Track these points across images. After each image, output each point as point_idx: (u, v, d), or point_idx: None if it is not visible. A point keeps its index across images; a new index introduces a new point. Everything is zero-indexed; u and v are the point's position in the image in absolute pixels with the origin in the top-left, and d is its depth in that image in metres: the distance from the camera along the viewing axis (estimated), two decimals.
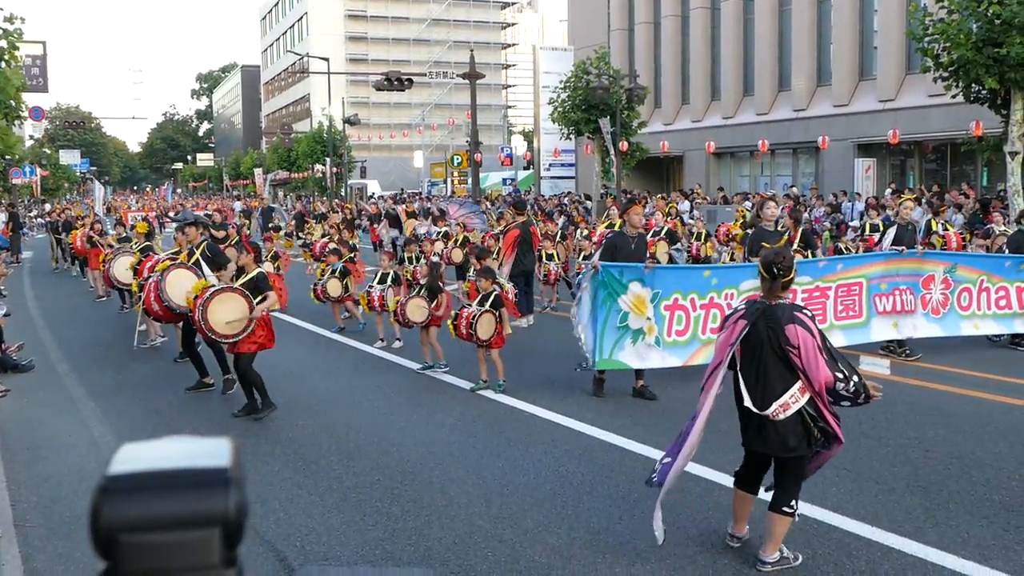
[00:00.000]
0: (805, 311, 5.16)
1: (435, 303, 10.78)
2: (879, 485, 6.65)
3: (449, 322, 9.98)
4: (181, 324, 10.43)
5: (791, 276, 5.15)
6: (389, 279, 12.68)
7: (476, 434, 8.35)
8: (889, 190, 25.76)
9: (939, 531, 5.79)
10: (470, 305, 9.88)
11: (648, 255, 9.92)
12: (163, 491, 0.74)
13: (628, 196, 11.54)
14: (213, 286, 8.90)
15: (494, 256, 14.84)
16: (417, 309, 10.74)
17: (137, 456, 0.78)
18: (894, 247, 11.21)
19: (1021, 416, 8.61)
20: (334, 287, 13.65)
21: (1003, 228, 15.54)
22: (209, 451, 0.78)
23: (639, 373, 9.47)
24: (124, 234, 17.13)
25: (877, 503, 6.24)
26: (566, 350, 12.25)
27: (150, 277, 10.39)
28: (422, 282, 11.25)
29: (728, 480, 6.80)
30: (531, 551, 5.63)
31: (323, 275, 14.00)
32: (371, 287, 12.66)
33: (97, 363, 12.20)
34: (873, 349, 11.27)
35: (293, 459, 7.63)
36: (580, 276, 9.67)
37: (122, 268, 13.36)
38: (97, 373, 11.51)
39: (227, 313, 8.63)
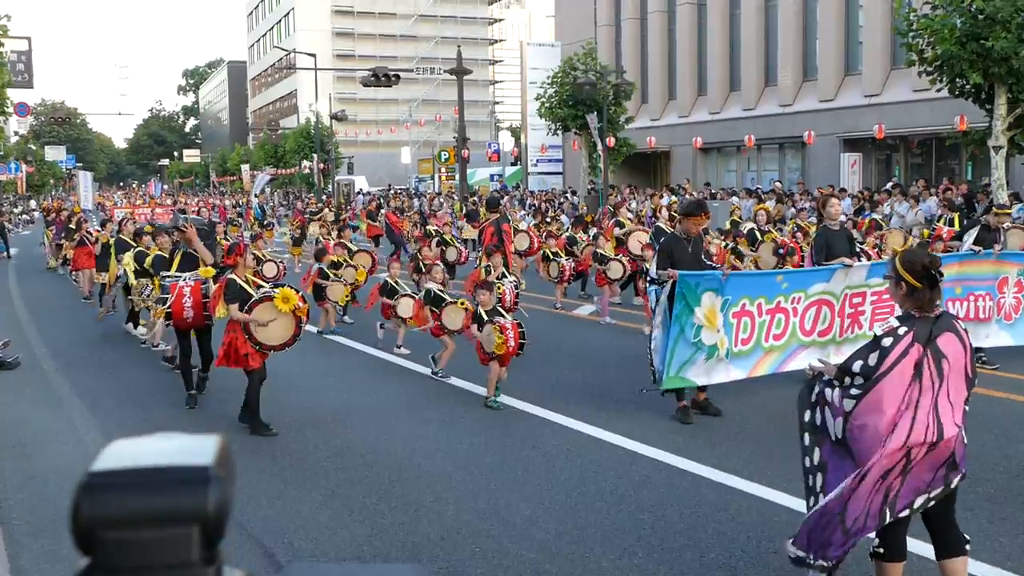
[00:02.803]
0: (959, 321, 4.48)
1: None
2: None
3: (497, 338, 8.98)
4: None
5: (943, 281, 4.43)
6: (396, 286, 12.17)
7: (464, 430, 8.36)
8: (890, 184, 25.82)
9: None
10: (504, 316, 9.41)
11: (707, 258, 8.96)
12: (143, 488, 0.75)
13: (696, 200, 10.46)
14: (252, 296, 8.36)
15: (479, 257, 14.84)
16: (456, 315, 10.13)
17: (122, 453, 0.79)
18: (972, 247, 10.52)
19: (1005, 408, 8.67)
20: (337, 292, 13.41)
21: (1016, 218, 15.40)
22: (193, 449, 0.79)
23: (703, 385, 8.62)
24: (112, 231, 16.58)
25: None
26: (554, 347, 12.28)
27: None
28: (433, 287, 10.60)
29: (715, 475, 6.84)
30: (519, 546, 5.64)
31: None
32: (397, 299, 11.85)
33: (84, 361, 12.16)
34: None
35: (280, 456, 7.63)
36: (657, 291, 8.69)
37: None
38: (83, 371, 11.47)
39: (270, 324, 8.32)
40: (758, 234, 14.74)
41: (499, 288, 11.28)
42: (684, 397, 8.53)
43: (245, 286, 8.36)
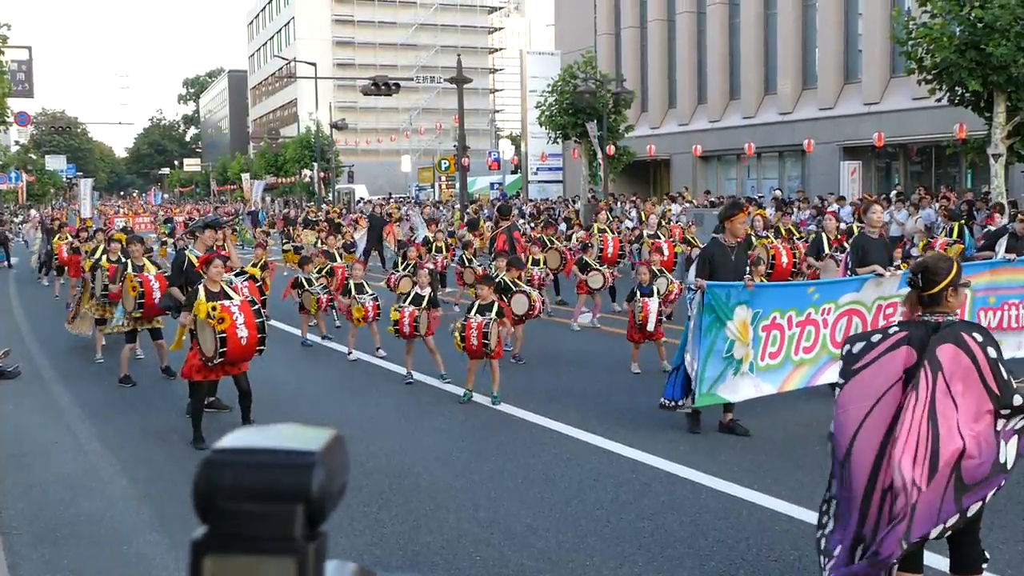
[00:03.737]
0: (974, 331, 4.25)
1: (436, 311, 10.51)
2: None
3: (457, 335, 9.45)
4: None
5: (933, 289, 4.28)
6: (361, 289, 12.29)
7: (464, 439, 8.37)
8: (893, 193, 25.86)
9: None
10: (471, 316, 9.47)
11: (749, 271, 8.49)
12: (256, 466, 0.84)
13: (734, 201, 10.08)
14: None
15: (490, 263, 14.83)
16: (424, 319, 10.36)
17: (244, 435, 0.88)
18: (1007, 255, 10.29)
19: None
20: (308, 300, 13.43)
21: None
22: (306, 436, 0.87)
23: (728, 405, 8.29)
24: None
25: None
26: (553, 355, 12.29)
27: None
28: (423, 292, 10.57)
29: (716, 482, 6.84)
30: (519, 555, 5.64)
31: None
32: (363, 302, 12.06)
33: (83, 370, 12.16)
34: None
35: None
36: (689, 299, 8.37)
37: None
38: (83, 380, 11.48)
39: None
40: (753, 239, 14.78)
41: (533, 297, 11.38)
42: (731, 409, 8.29)
43: (202, 296, 8.26)
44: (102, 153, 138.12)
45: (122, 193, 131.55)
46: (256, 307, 8.39)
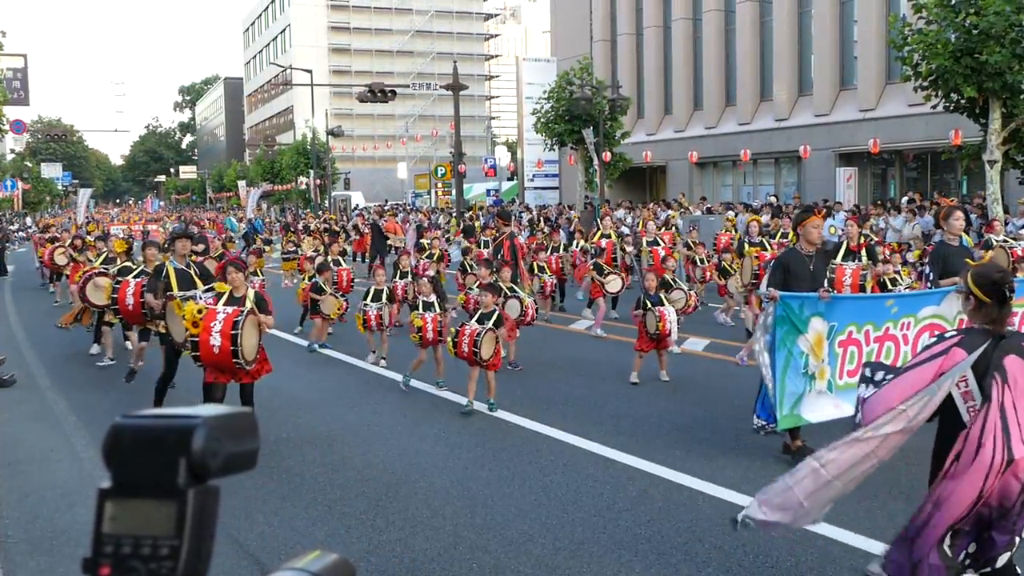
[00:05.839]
0: None
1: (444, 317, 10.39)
2: (861, 491, 6.65)
3: (449, 340, 9.50)
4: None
5: (1016, 300, 4.34)
6: (384, 296, 12.37)
7: (460, 445, 8.36)
8: (905, 199, 25.87)
9: None
10: (468, 322, 9.51)
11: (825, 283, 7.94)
12: (150, 428, 1.00)
13: (805, 205, 9.55)
14: (241, 309, 8.02)
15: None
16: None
17: (154, 410, 1.04)
18: None
19: None
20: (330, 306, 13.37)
21: (1003, 239, 14.95)
22: (205, 409, 1.02)
23: (795, 428, 7.59)
24: (105, 249, 16.04)
25: (859, 509, 6.25)
26: (550, 360, 12.29)
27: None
28: (428, 299, 10.42)
29: (712, 488, 6.84)
30: (515, 561, 5.63)
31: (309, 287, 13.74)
32: (366, 305, 12.06)
33: (79, 378, 12.13)
34: None
35: (277, 472, 7.61)
36: (763, 315, 7.89)
37: (93, 290, 12.47)
38: (79, 388, 11.45)
39: (252, 338, 8.04)
40: (746, 245, 14.79)
41: (525, 302, 11.39)
42: (799, 435, 7.65)
43: (193, 303, 8.16)
44: (98, 161, 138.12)
45: (118, 201, 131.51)
46: (235, 331, 7.81)
